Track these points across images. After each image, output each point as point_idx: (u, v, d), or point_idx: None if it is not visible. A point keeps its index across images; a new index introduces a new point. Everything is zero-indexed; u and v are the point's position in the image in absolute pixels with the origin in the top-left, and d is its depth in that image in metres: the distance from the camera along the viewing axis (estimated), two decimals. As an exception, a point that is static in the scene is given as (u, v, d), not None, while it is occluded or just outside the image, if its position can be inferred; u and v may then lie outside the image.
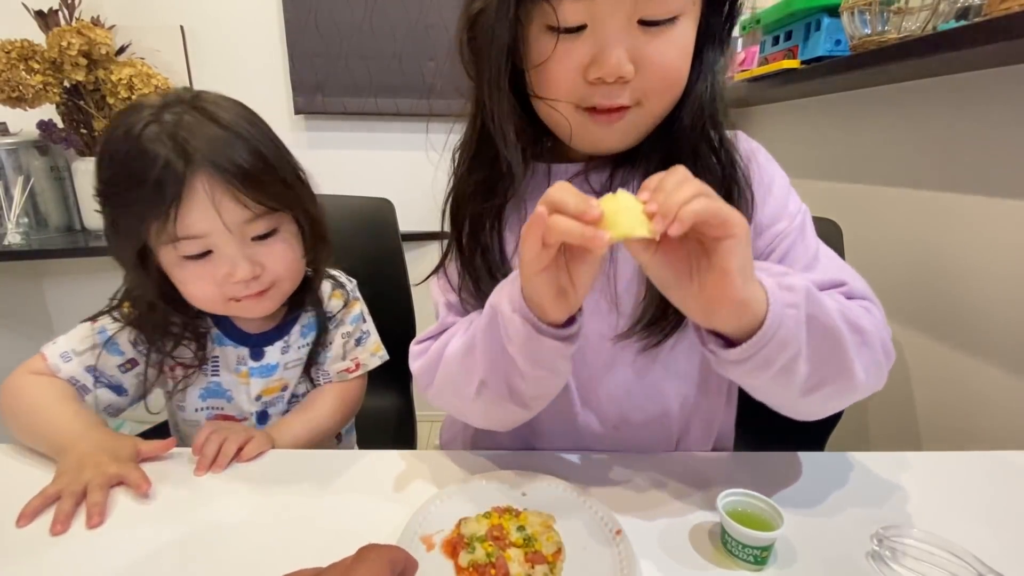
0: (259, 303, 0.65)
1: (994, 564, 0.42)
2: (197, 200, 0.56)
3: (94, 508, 0.49)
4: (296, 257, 0.67)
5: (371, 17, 1.61)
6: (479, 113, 0.53)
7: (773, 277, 0.41)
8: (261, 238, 0.62)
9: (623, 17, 0.43)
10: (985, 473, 0.56)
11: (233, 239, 0.60)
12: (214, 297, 0.63)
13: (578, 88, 0.47)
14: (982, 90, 0.83)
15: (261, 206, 0.60)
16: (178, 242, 0.58)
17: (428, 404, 0.60)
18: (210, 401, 0.72)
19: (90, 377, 0.65)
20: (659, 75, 0.47)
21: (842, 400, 0.47)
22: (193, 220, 0.57)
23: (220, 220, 0.58)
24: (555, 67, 0.46)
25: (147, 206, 0.56)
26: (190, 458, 0.57)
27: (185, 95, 0.60)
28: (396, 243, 1.05)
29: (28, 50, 1.36)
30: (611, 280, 0.56)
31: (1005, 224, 0.79)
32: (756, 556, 0.43)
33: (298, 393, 0.76)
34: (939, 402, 0.93)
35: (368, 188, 1.09)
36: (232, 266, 0.60)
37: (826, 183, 1.18)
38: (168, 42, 1.60)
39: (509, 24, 0.45)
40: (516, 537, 0.44)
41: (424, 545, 0.45)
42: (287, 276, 0.66)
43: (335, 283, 0.77)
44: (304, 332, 0.74)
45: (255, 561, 0.45)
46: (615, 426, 0.60)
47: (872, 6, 0.83)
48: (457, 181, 0.58)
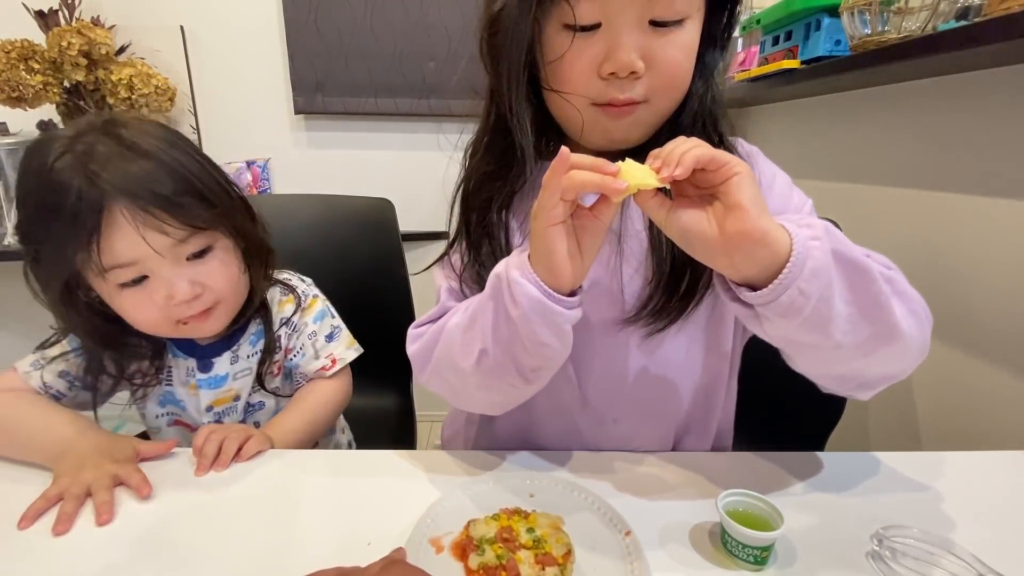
0: (206, 323, 0.64)
1: (994, 564, 0.42)
2: (119, 228, 0.55)
3: (103, 506, 0.49)
4: (235, 272, 0.65)
5: (371, 17, 1.61)
6: (493, 107, 0.56)
7: (791, 221, 0.42)
8: (197, 256, 0.61)
9: (635, 16, 0.47)
10: (985, 473, 0.56)
11: (167, 262, 0.58)
12: (159, 321, 0.61)
13: (592, 84, 0.50)
14: (982, 90, 0.83)
15: (188, 227, 0.58)
16: (108, 272, 0.56)
17: (428, 404, 0.60)
18: (168, 407, 0.72)
19: (63, 382, 0.64)
20: (667, 73, 0.49)
21: (893, 357, 0.46)
22: (120, 249, 0.55)
23: (148, 246, 0.56)
24: (571, 63, 0.49)
25: (68, 239, 0.54)
26: (190, 458, 0.58)
27: (97, 121, 0.58)
28: (396, 243, 1.05)
29: (28, 50, 1.36)
30: (616, 272, 0.57)
31: (1005, 224, 0.79)
32: (756, 556, 0.43)
33: (253, 403, 0.75)
34: (939, 402, 0.93)
35: (368, 188, 1.09)
36: (170, 287, 0.58)
37: (826, 183, 1.18)
38: (168, 42, 1.60)
39: (529, 22, 0.48)
40: (526, 539, 0.44)
41: (433, 547, 0.45)
42: (229, 293, 0.65)
43: (284, 288, 0.75)
44: (253, 341, 0.73)
45: (259, 563, 0.45)
46: (615, 419, 0.61)
47: (872, 6, 0.83)
48: (470, 170, 0.60)
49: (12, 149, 1.49)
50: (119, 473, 0.53)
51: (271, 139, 1.69)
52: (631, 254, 0.57)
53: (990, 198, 0.82)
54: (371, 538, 0.47)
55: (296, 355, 0.74)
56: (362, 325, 0.82)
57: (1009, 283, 0.79)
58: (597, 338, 0.58)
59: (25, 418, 0.59)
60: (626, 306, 0.57)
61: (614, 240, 0.56)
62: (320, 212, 1.05)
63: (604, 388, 0.60)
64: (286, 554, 0.45)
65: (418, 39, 1.63)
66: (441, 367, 0.54)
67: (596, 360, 0.59)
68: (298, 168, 1.75)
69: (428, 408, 1.68)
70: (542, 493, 0.52)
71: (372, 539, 0.47)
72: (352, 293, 0.87)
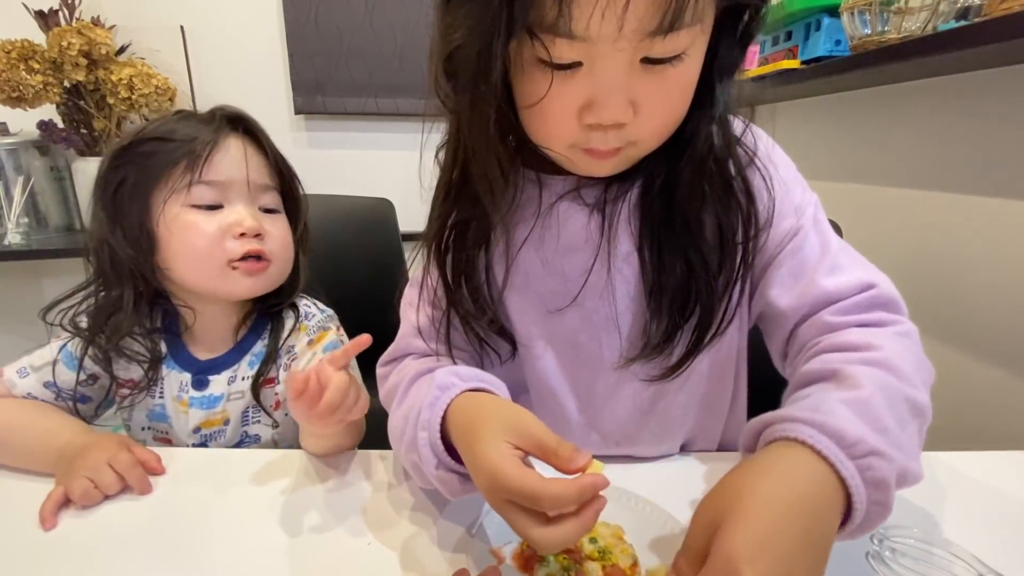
0: (255, 278, 0.63)
1: (994, 564, 0.42)
2: (230, 147, 0.62)
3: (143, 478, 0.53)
4: (291, 242, 0.69)
5: (371, 17, 1.61)
6: (459, 148, 0.48)
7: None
8: (267, 212, 0.66)
9: (626, 59, 0.38)
10: (985, 473, 0.56)
11: (247, 196, 0.63)
12: (214, 256, 0.61)
13: (571, 129, 0.42)
14: (982, 90, 0.83)
15: (279, 178, 0.67)
16: (196, 186, 0.60)
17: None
18: (155, 423, 0.69)
19: (50, 393, 0.63)
20: (658, 119, 0.43)
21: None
22: (224, 165, 0.61)
23: (246, 171, 0.62)
24: (549, 108, 0.41)
25: (176, 152, 0.59)
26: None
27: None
28: (396, 243, 1.05)
29: (28, 50, 1.36)
30: (611, 304, 0.52)
31: (1005, 224, 0.79)
32: (756, 556, 0.43)
33: (251, 434, 0.70)
34: (939, 402, 0.92)
35: (368, 188, 1.09)
36: (240, 214, 0.62)
37: (826, 183, 1.18)
38: (168, 42, 1.60)
39: (498, 60, 0.38)
40: (590, 549, 0.42)
41: (494, 558, 0.43)
42: (283, 256, 0.67)
43: (297, 315, 0.72)
44: (252, 363, 0.69)
45: (259, 563, 0.45)
46: (617, 442, 0.58)
47: (872, 6, 0.83)
48: (439, 225, 0.52)
49: (12, 149, 1.50)
50: (112, 461, 0.52)
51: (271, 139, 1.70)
52: (623, 284, 0.52)
53: (990, 198, 0.82)
54: (371, 538, 0.47)
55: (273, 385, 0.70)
56: (361, 325, 0.81)
57: (1009, 283, 0.79)
58: (602, 373, 0.55)
59: (36, 421, 0.59)
60: (624, 342, 0.53)
61: (602, 270, 0.51)
62: (320, 212, 1.05)
63: (608, 419, 0.57)
64: (286, 554, 0.45)
65: (418, 39, 1.63)
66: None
67: (600, 394, 0.56)
68: (298, 168, 1.72)
69: (428, 408, 1.67)
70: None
71: (372, 539, 0.47)
72: (352, 293, 0.87)
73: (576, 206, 0.51)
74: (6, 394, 0.62)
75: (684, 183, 0.47)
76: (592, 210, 0.51)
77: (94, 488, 0.50)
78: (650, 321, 0.50)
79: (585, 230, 0.51)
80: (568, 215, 0.51)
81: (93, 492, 0.50)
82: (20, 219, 1.48)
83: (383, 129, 1.74)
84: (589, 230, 0.51)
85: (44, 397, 0.63)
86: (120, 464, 0.52)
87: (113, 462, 0.52)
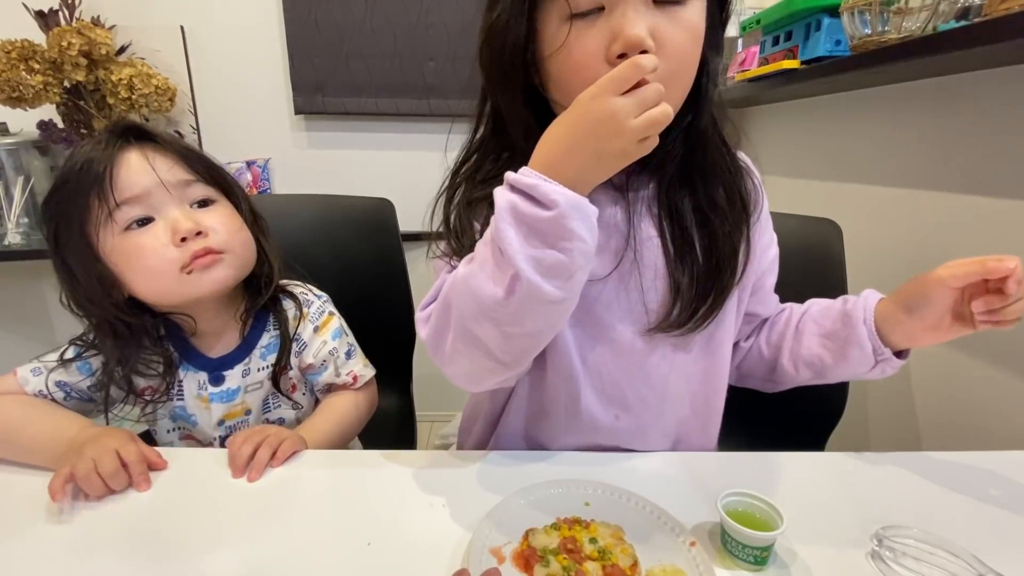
0: (213, 270, 0.63)
1: (994, 564, 0.42)
2: (131, 161, 0.60)
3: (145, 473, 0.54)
4: (240, 226, 0.66)
5: (371, 17, 1.61)
6: (488, 110, 0.56)
7: None
8: (201, 205, 0.64)
9: (640, 1, 0.45)
10: (985, 473, 0.56)
11: (172, 198, 0.61)
12: (165, 269, 0.60)
13: (601, 71, 0.44)
14: (982, 90, 0.83)
15: (193, 172, 0.64)
16: (118, 209, 0.59)
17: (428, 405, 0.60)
18: (179, 423, 0.72)
19: (60, 392, 0.64)
20: (676, 55, 0.46)
21: None
22: (131, 179, 0.59)
23: (156, 175, 0.60)
24: (575, 54, 0.47)
25: (83, 185, 0.58)
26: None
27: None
28: (396, 243, 1.05)
29: (28, 50, 1.36)
30: (637, 277, 0.57)
31: (1005, 224, 0.79)
32: (756, 556, 0.43)
33: (274, 419, 0.75)
34: (939, 402, 0.93)
35: (368, 188, 1.09)
36: (175, 223, 0.61)
37: (826, 183, 1.18)
38: (168, 42, 1.60)
39: (524, 21, 0.47)
40: (590, 549, 0.43)
41: (495, 558, 0.44)
42: (235, 242, 0.65)
43: (297, 304, 0.74)
44: (263, 355, 0.72)
45: (259, 562, 0.45)
46: (616, 416, 0.61)
47: (872, 6, 0.83)
48: (463, 175, 0.59)
49: (12, 149, 1.50)
50: (120, 449, 0.53)
51: (271, 139, 1.69)
52: (648, 266, 0.57)
53: (990, 198, 0.82)
54: (371, 538, 0.47)
55: (319, 371, 0.74)
56: (362, 325, 0.82)
57: (1009, 283, 0.79)
58: (630, 344, 0.58)
59: (42, 418, 0.60)
60: (649, 316, 0.57)
61: (629, 252, 0.56)
62: (320, 212, 1.05)
63: (611, 384, 0.60)
64: (286, 553, 0.45)
65: (418, 39, 1.63)
66: (464, 326, 0.48)
67: (617, 363, 0.59)
68: (298, 168, 1.75)
69: (428, 408, 1.68)
70: (597, 501, 0.50)
71: (372, 539, 0.47)
72: (352, 293, 0.87)
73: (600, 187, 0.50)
74: (18, 391, 0.63)
75: (699, 152, 0.55)
76: (617, 189, 0.57)
77: (95, 472, 0.51)
78: (677, 302, 0.56)
79: (612, 209, 0.57)
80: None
81: (94, 476, 0.51)
82: (20, 219, 1.48)
83: (383, 129, 1.74)
84: (614, 210, 0.57)
85: (56, 396, 0.64)
86: (127, 454, 0.53)
87: (121, 451, 0.53)
